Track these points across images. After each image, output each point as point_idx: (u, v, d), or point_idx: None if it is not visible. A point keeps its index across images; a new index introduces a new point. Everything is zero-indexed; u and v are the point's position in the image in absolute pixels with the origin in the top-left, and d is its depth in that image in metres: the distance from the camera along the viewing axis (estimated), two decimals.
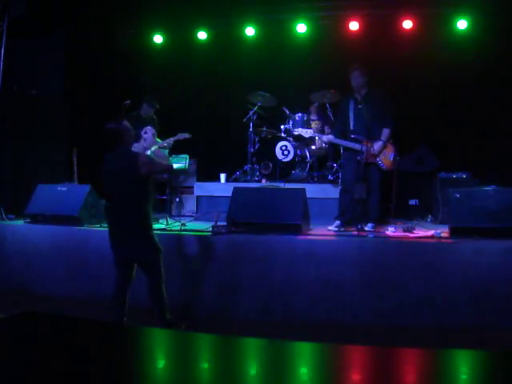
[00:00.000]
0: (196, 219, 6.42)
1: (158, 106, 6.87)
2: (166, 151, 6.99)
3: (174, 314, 4.21)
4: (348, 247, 4.74)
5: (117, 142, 3.91)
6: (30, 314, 2.18)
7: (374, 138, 5.46)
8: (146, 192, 3.95)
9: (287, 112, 7.15)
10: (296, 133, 6.32)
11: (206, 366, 1.81)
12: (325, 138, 5.90)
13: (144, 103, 6.79)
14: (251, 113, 7.21)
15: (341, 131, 5.71)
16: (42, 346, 1.83)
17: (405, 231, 5.19)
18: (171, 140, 6.83)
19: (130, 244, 3.96)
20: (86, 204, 5.63)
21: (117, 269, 4.12)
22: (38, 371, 1.60)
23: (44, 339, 1.92)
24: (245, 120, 7.26)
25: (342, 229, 5.43)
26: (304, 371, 1.74)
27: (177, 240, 5.10)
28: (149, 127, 5.75)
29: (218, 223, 5.14)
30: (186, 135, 6.76)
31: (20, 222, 5.86)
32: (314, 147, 6.99)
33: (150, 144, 5.48)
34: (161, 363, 1.81)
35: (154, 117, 6.94)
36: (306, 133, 6.10)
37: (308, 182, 6.73)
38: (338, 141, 5.68)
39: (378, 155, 5.46)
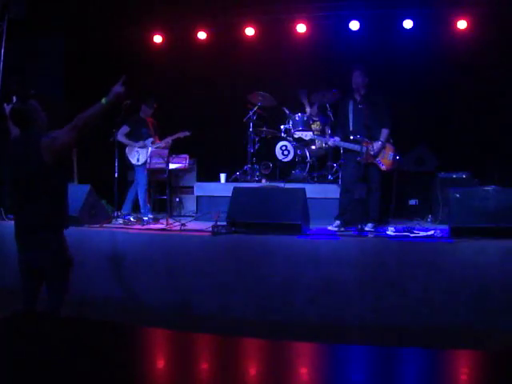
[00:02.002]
0: (196, 219, 6.41)
1: (155, 106, 6.96)
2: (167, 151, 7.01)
3: None
4: (348, 247, 4.74)
5: (23, 124, 3.36)
6: (30, 314, 2.18)
7: (373, 138, 5.46)
8: (53, 184, 3.34)
9: (287, 112, 7.15)
10: (296, 136, 6.31)
11: (205, 365, 1.81)
12: (330, 142, 5.83)
13: (142, 105, 6.91)
14: (251, 113, 7.20)
15: (344, 133, 5.70)
16: (41, 345, 1.83)
17: (405, 231, 5.19)
18: (169, 140, 6.89)
19: (31, 247, 3.33)
20: (86, 204, 5.63)
21: (21, 278, 3.46)
22: (38, 371, 1.60)
23: (44, 339, 1.92)
24: (245, 120, 7.26)
25: (342, 229, 5.43)
26: (304, 371, 1.74)
27: (177, 240, 5.10)
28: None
29: (218, 223, 5.14)
30: (187, 133, 6.84)
31: None
32: (313, 147, 6.98)
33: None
34: (161, 363, 1.81)
35: (153, 121, 7.04)
36: (306, 136, 6.10)
37: (308, 182, 6.72)
38: (343, 144, 5.67)
39: (377, 156, 5.47)
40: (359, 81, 5.50)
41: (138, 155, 6.78)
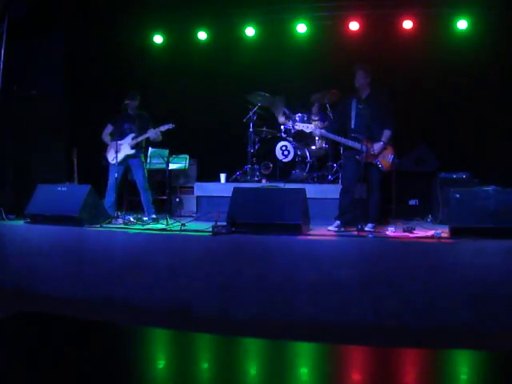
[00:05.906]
0: (196, 219, 6.41)
1: (139, 97, 6.52)
2: (167, 151, 6.99)
3: None
4: (348, 247, 4.74)
5: None
6: (30, 314, 2.18)
7: (374, 138, 5.46)
8: None
9: (287, 112, 7.15)
10: (297, 127, 6.28)
11: (205, 365, 1.81)
12: (317, 131, 5.84)
13: (125, 100, 6.39)
14: (251, 113, 7.21)
15: (335, 128, 5.69)
16: (41, 346, 1.83)
17: (405, 231, 5.19)
18: (151, 133, 6.41)
19: None
20: (86, 204, 5.63)
21: None
22: (38, 371, 1.60)
23: (44, 339, 1.92)
24: (245, 120, 7.26)
25: (342, 229, 5.43)
26: (304, 371, 1.74)
27: (177, 240, 5.10)
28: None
29: (218, 223, 5.14)
30: (170, 125, 6.34)
31: (20, 222, 5.85)
32: (314, 147, 6.99)
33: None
34: (161, 363, 1.81)
35: (143, 112, 6.62)
36: (307, 128, 6.03)
37: (308, 182, 6.72)
38: (329, 135, 5.66)
39: (377, 156, 5.46)
40: (361, 80, 5.50)
41: (116, 154, 6.29)
